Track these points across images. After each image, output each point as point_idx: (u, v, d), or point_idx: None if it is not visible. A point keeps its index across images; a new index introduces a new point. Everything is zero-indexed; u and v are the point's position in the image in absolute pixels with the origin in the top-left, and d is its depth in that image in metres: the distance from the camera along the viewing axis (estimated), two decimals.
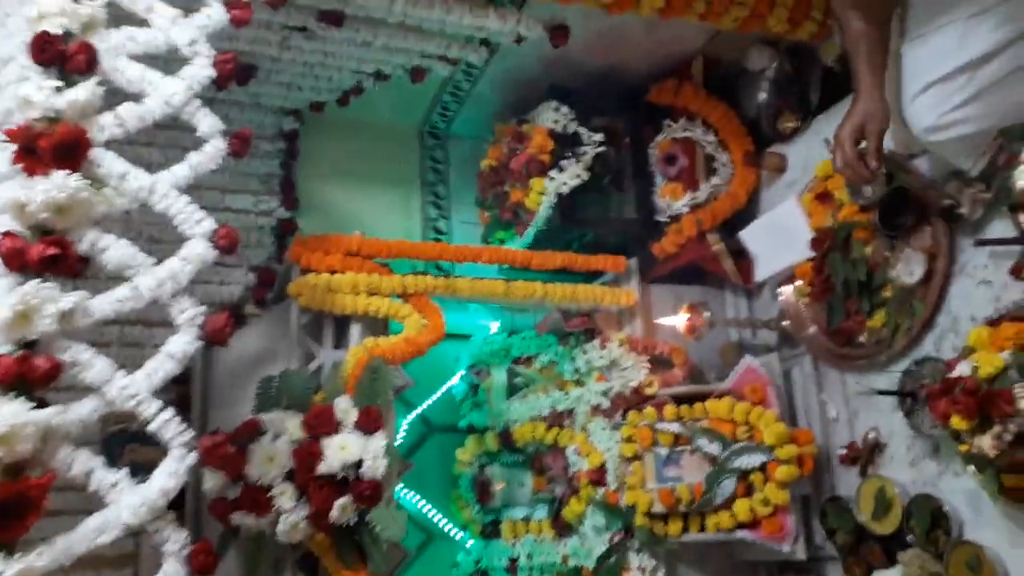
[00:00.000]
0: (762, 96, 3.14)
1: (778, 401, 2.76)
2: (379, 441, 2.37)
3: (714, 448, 2.71)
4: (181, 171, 2.00)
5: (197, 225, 1.96)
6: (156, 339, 2.35)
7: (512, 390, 3.34)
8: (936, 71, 2.00)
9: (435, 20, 2.75)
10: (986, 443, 1.83)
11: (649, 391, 2.92)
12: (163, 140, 3.06)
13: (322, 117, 3.42)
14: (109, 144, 1.94)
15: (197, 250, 1.96)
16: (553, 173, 3.16)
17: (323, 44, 2.85)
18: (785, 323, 2.89)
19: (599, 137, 3.24)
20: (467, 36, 2.96)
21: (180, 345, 1.92)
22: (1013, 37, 1.90)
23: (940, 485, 2.32)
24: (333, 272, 2.73)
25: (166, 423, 1.88)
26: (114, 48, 1.97)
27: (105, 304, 1.87)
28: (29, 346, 1.75)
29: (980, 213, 2.28)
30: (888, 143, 2.51)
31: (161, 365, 1.90)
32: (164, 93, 1.99)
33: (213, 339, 1.96)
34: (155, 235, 2.66)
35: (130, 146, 3.00)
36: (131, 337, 2.90)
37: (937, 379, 2.11)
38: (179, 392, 2.95)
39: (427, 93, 3.49)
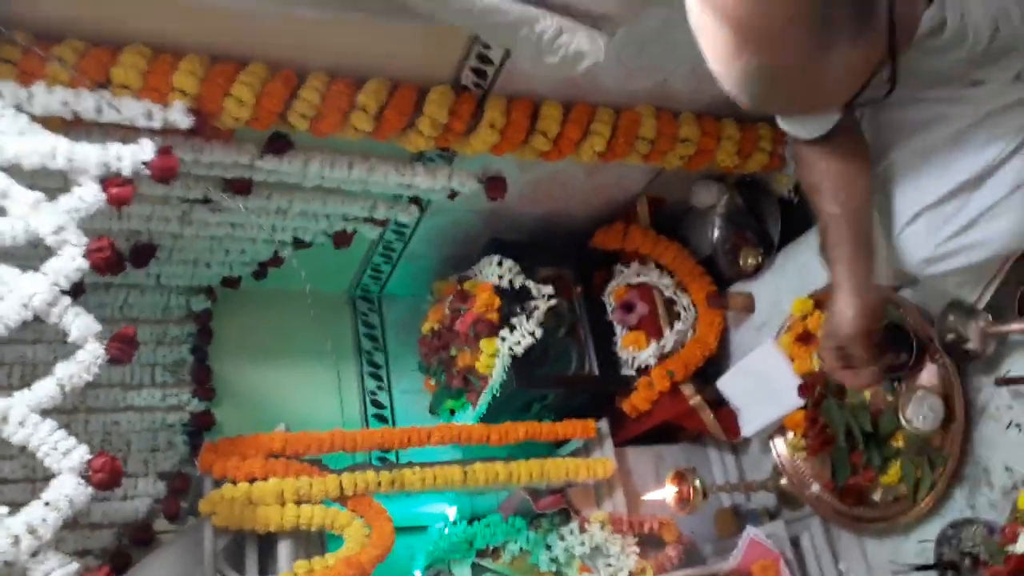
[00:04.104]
0: (715, 233, 2.94)
1: None
2: None
3: None
4: (44, 389, 1.59)
5: (64, 458, 1.53)
6: None
7: None
8: (925, 196, 1.75)
9: (356, 181, 2.45)
10: None
11: None
12: (53, 334, 2.67)
13: (237, 292, 3.05)
14: None
15: (65, 490, 1.52)
16: (504, 332, 2.83)
17: (231, 215, 2.51)
18: (783, 482, 2.55)
19: (549, 289, 2.95)
20: (395, 195, 2.68)
21: None
22: (1007, 153, 1.68)
23: None
24: (253, 480, 2.28)
25: None
26: None
27: None
28: None
29: (993, 348, 2.02)
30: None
31: None
32: (22, 294, 1.60)
33: None
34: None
35: (9, 345, 2.66)
36: None
37: (990, 550, 1.76)
38: None
39: (355, 255, 3.18)
